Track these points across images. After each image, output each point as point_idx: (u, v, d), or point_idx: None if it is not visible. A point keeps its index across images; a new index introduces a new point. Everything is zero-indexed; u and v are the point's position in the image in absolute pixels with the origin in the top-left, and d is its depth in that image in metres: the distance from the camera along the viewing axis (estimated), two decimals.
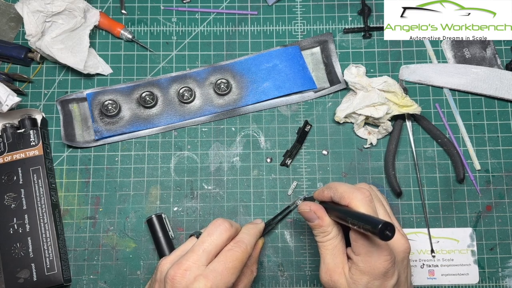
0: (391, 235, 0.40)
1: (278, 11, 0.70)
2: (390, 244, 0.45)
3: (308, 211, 0.51)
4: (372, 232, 0.41)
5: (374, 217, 0.43)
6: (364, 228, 0.42)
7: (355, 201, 0.47)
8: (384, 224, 0.40)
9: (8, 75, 0.66)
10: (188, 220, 0.64)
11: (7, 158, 0.62)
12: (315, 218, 0.50)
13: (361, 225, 0.43)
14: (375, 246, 0.45)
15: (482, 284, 0.63)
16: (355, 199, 0.47)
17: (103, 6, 0.70)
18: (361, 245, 0.45)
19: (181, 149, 0.66)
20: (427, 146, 0.66)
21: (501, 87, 0.67)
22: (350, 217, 0.45)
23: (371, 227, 0.41)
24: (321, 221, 0.50)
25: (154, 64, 0.68)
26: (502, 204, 0.64)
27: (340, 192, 0.48)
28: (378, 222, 0.40)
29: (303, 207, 0.52)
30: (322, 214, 0.50)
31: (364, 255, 0.45)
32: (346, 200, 0.48)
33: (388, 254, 0.45)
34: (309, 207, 0.51)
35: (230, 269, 0.45)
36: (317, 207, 0.51)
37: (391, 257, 0.45)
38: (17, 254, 0.59)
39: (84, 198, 0.64)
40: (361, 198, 0.47)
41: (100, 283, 0.62)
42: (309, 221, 0.51)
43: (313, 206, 0.51)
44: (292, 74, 0.67)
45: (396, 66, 0.68)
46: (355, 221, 0.44)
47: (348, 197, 0.47)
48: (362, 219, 0.43)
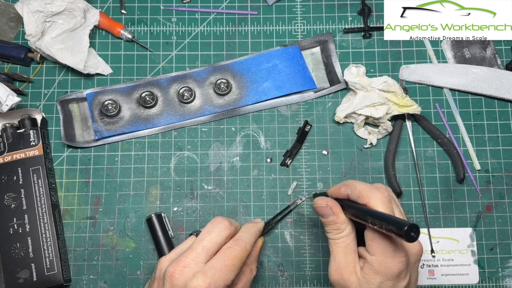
0: (416, 237, 0.40)
1: (278, 11, 0.70)
2: (405, 246, 0.45)
3: (325, 206, 0.50)
4: (396, 234, 0.40)
5: (398, 218, 0.42)
6: (387, 228, 0.41)
7: (374, 201, 0.46)
8: (410, 226, 0.39)
9: (8, 75, 0.66)
10: (188, 220, 0.64)
11: (7, 158, 0.62)
12: (330, 214, 0.49)
13: (383, 225, 0.42)
14: (392, 247, 0.44)
15: (482, 284, 0.63)
16: (374, 199, 0.46)
17: (103, 6, 0.70)
18: (377, 245, 0.45)
19: (181, 149, 0.66)
20: (427, 146, 0.66)
21: (501, 87, 0.67)
22: (371, 217, 0.44)
23: (395, 228, 0.40)
24: (336, 217, 0.49)
25: (154, 64, 0.68)
26: (502, 204, 0.64)
27: (359, 191, 0.48)
28: (404, 224, 0.40)
29: (319, 202, 0.51)
30: (338, 210, 0.49)
31: (379, 255, 0.45)
32: (364, 199, 0.47)
33: (404, 255, 0.44)
34: (325, 202, 0.50)
35: (229, 266, 0.45)
36: (334, 203, 0.50)
37: (406, 258, 0.44)
38: (17, 254, 0.59)
39: (84, 198, 0.64)
40: (380, 197, 0.46)
41: (100, 283, 0.62)
42: (323, 217, 0.50)
43: (330, 202, 0.50)
44: (292, 74, 0.67)
45: (396, 66, 0.68)
46: (376, 220, 0.43)
47: (367, 196, 0.47)
48: (385, 220, 0.42)
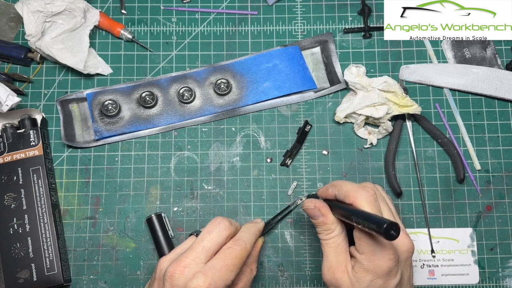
0: (396, 235, 0.40)
1: (278, 11, 0.70)
2: (394, 244, 0.45)
3: (313, 208, 0.50)
4: (377, 232, 0.41)
5: (379, 217, 0.43)
6: (368, 227, 0.42)
7: (360, 200, 0.47)
8: (389, 224, 0.40)
9: (8, 75, 0.66)
10: (188, 220, 0.64)
11: (7, 158, 0.62)
12: (319, 215, 0.50)
13: (365, 224, 0.42)
14: (379, 245, 0.45)
15: (482, 284, 0.63)
16: (360, 198, 0.47)
17: (103, 6, 0.70)
18: (365, 243, 0.45)
19: (181, 149, 0.66)
20: (427, 146, 0.66)
21: (501, 87, 0.67)
22: (354, 216, 0.45)
23: (376, 226, 0.41)
24: (325, 218, 0.49)
25: (154, 64, 0.68)
26: (502, 204, 0.64)
27: (345, 190, 0.48)
28: (383, 222, 0.40)
29: (307, 204, 0.52)
30: (326, 211, 0.50)
31: (368, 253, 0.45)
32: (350, 199, 0.47)
33: (392, 253, 0.45)
34: (313, 204, 0.51)
35: (229, 266, 0.45)
36: (322, 204, 0.51)
37: (395, 256, 0.45)
38: (17, 254, 0.59)
39: (84, 198, 0.64)
40: (366, 196, 0.47)
41: (100, 283, 0.62)
42: (312, 218, 0.51)
43: (318, 203, 0.51)
44: (292, 74, 0.67)
45: (396, 66, 0.68)
46: (359, 220, 0.44)
47: (352, 195, 0.47)
48: (367, 218, 0.43)
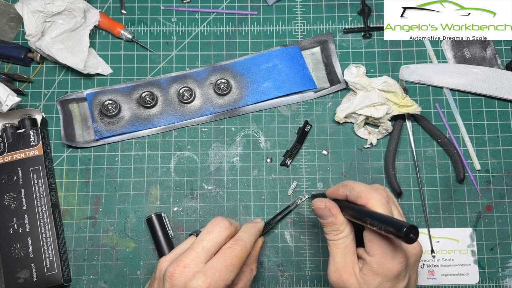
0: (415, 238, 0.39)
1: (278, 11, 0.70)
2: (404, 247, 0.45)
3: (323, 207, 0.50)
4: (395, 235, 0.40)
5: (397, 220, 0.42)
6: (385, 230, 0.41)
7: (373, 201, 0.46)
8: (409, 227, 0.39)
9: (8, 75, 0.66)
10: (188, 220, 0.64)
11: (7, 158, 0.62)
12: (329, 215, 0.49)
13: (382, 227, 0.42)
14: (391, 248, 0.44)
15: (482, 284, 0.63)
16: (373, 200, 0.46)
17: (103, 6, 0.70)
18: (376, 246, 0.45)
19: (181, 149, 0.66)
20: (427, 146, 0.66)
21: (501, 87, 0.67)
22: (369, 218, 0.44)
23: (394, 229, 0.40)
24: (335, 219, 0.49)
25: (154, 64, 0.68)
26: (502, 204, 0.64)
27: (357, 191, 0.48)
28: (403, 225, 0.39)
29: (318, 203, 0.50)
30: (337, 212, 0.49)
31: (378, 256, 0.45)
32: (363, 200, 0.47)
33: (403, 256, 0.44)
34: (324, 204, 0.50)
35: (229, 266, 0.45)
36: (332, 204, 0.50)
37: (405, 259, 0.44)
38: (17, 254, 0.59)
39: (84, 198, 0.64)
40: (379, 198, 0.46)
41: (100, 283, 0.62)
42: (321, 218, 0.50)
43: (328, 203, 0.50)
44: (292, 74, 0.67)
45: (396, 66, 0.68)
46: (375, 222, 0.43)
47: (365, 197, 0.47)
48: (384, 221, 0.42)
